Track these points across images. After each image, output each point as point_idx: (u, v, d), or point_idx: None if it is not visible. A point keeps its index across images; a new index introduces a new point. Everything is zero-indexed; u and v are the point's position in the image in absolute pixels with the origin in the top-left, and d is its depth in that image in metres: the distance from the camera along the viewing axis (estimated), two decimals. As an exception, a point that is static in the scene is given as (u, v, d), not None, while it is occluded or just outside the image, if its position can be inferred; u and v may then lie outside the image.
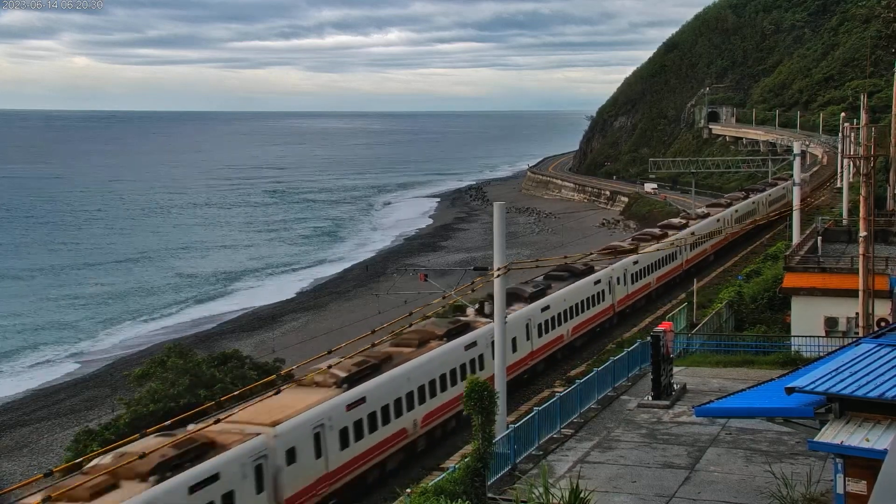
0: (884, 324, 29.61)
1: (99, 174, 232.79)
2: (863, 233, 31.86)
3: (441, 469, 23.50)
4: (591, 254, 53.26)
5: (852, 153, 56.05)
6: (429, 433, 34.30)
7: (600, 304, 50.97)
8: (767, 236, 79.30)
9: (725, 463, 22.69)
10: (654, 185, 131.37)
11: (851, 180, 63.04)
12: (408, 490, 19.01)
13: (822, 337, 35.76)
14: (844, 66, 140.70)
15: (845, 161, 70.51)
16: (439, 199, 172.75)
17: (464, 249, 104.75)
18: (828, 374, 16.07)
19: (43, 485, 21.51)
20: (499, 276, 26.00)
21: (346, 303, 77.35)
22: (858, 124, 51.13)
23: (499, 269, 25.91)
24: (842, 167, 79.62)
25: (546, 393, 38.92)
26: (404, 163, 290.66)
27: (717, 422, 25.27)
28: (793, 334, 36.95)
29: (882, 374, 15.72)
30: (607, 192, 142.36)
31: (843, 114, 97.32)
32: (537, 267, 44.40)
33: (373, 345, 31.78)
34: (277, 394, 26.83)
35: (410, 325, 35.91)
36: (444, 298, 38.73)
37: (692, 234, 65.54)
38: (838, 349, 20.04)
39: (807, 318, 37.01)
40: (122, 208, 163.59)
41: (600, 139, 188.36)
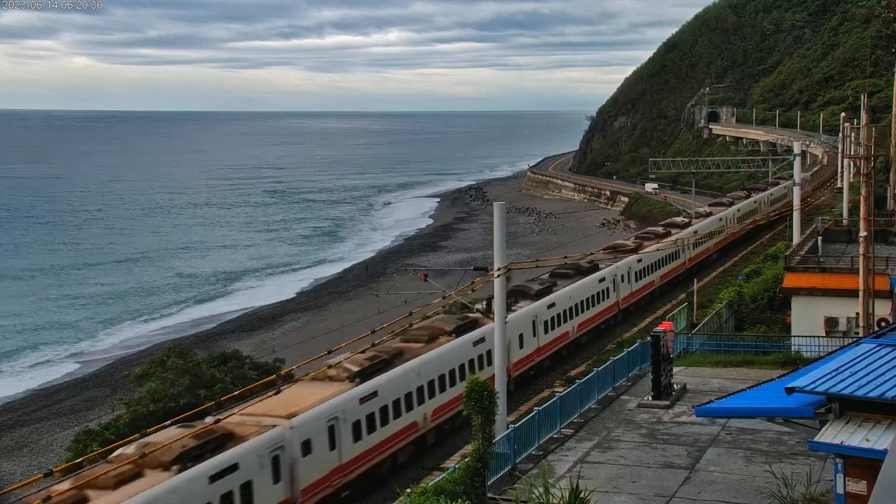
0: (884, 324, 29.61)
1: (99, 174, 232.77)
2: (863, 233, 31.86)
3: (441, 469, 23.50)
4: (591, 253, 53.29)
5: (852, 153, 56.08)
6: (438, 427, 34.77)
7: (605, 302, 51.39)
8: (767, 236, 79.28)
9: (725, 463, 22.69)
10: (654, 185, 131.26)
11: (851, 180, 63.05)
12: (408, 490, 19.01)
13: (822, 337, 35.76)
14: (844, 66, 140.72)
15: (845, 161, 70.54)
16: (439, 199, 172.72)
17: (464, 249, 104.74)
18: (828, 374, 16.06)
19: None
20: (499, 276, 26.00)
21: (346, 303, 77.34)
22: (858, 124, 51.11)
23: (499, 269, 25.91)
24: (842, 167, 79.66)
25: (546, 393, 38.91)
26: (404, 163, 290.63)
27: (717, 422, 25.27)
28: (793, 334, 36.96)
29: (882, 374, 15.72)
30: (607, 192, 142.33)
31: (843, 114, 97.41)
32: (537, 267, 44.46)
33: (373, 342, 31.96)
34: (279, 390, 27.31)
35: (419, 322, 36.61)
36: (444, 298, 38.83)
37: (695, 232, 65.94)
38: (838, 349, 20.04)
39: (807, 318, 37.03)
40: (122, 208, 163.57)
41: (600, 139, 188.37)
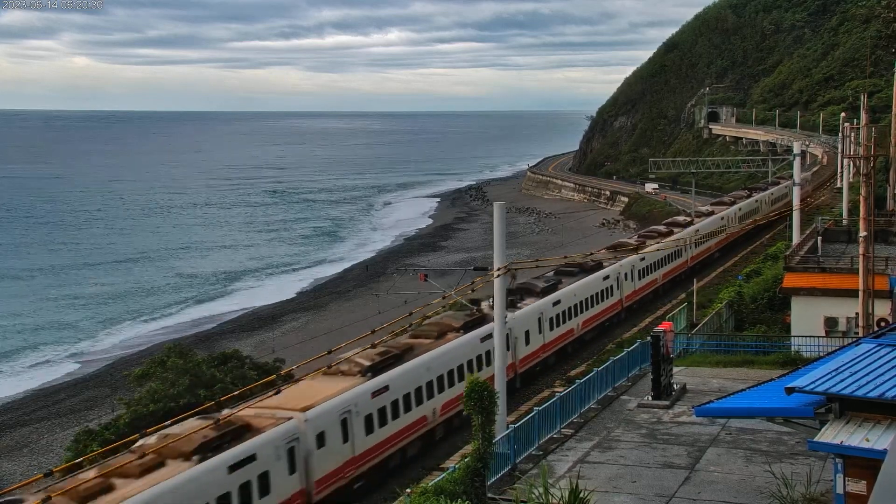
0: (884, 324, 29.60)
1: (99, 174, 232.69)
2: (863, 233, 31.85)
3: (441, 469, 23.49)
4: (591, 253, 53.44)
5: (852, 153, 56.04)
6: (447, 421, 35.16)
7: (609, 300, 51.91)
8: (767, 236, 79.34)
9: (725, 463, 22.69)
10: (654, 185, 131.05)
11: (851, 180, 63.04)
12: (408, 490, 19.00)
13: (822, 337, 35.75)
14: (844, 66, 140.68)
15: (845, 161, 70.52)
16: (439, 199, 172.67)
17: (464, 249, 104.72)
18: (828, 374, 16.06)
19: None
20: (499, 276, 26.00)
21: (346, 303, 77.33)
22: (858, 124, 51.12)
23: (499, 269, 25.91)
24: (842, 167, 79.64)
25: (546, 393, 38.93)
26: (404, 163, 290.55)
27: (717, 422, 25.27)
28: (793, 334, 36.95)
29: (882, 374, 15.72)
30: (607, 192, 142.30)
31: (843, 114, 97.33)
32: (537, 267, 44.45)
33: (373, 343, 32.14)
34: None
35: (428, 318, 37.28)
36: (444, 298, 38.92)
37: (697, 231, 66.48)
38: (838, 349, 20.03)
39: (807, 318, 37.02)
40: (122, 208, 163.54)
41: (600, 139, 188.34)
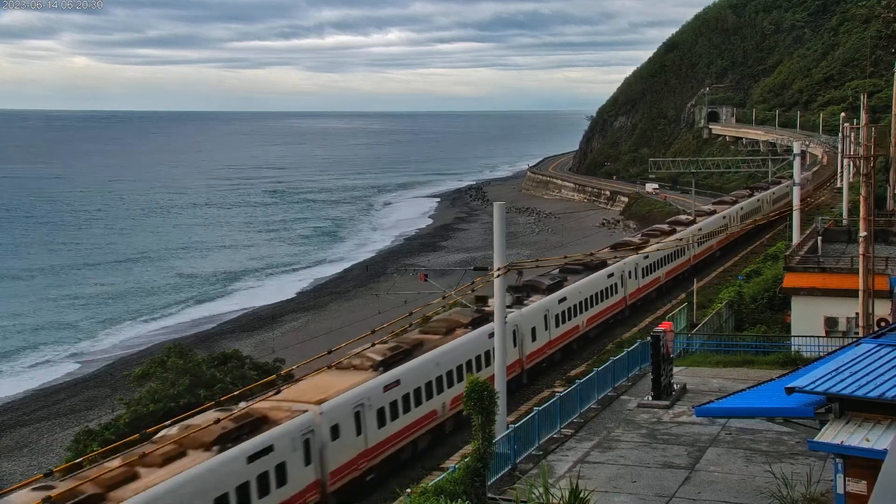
0: (884, 324, 29.60)
1: (99, 174, 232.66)
2: (863, 233, 31.85)
3: (441, 469, 23.49)
4: (592, 254, 53.71)
5: (852, 153, 56.03)
6: (456, 415, 35.53)
7: (613, 297, 52.69)
8: (767, 236, 79.43)
9: (725, 463, 22.68)
10: (655, 186, 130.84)
11: (851, 180, 63.03)
12: (408, 490, 19.00)
13: (822, 337, 35.75)
14: (844, 66, 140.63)
15: (845, 161, 70.52)
16: (439, 199, 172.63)
17: (464, 249, 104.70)
18: (828, 374, 16.06)
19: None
20: (499, 276, 25.99)
21: (346, 303, 77.33)
22: (858, 124, 51.11)
23: (499, 269, 25.90)
24: (842, 167, 79.63)
25: (546, 393, 38.94)
26: (404, 163, 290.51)
27: (717, 422, 25.26)
28: (793, 334, 36.95)
29: (882, 374, 15.71)
30: (607, 192, 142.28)
31: (843, 114, 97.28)
32: (537, 267, 44.45)
33: (373, 342, 32.20)
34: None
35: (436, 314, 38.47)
36: (444, 298, 38.96)
37: (699, 230, 67.17)
38: (838, 349, 20.03)
39: (807, 318, 37.03)
40: (122, 208, 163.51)
41: (600, 139, 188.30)
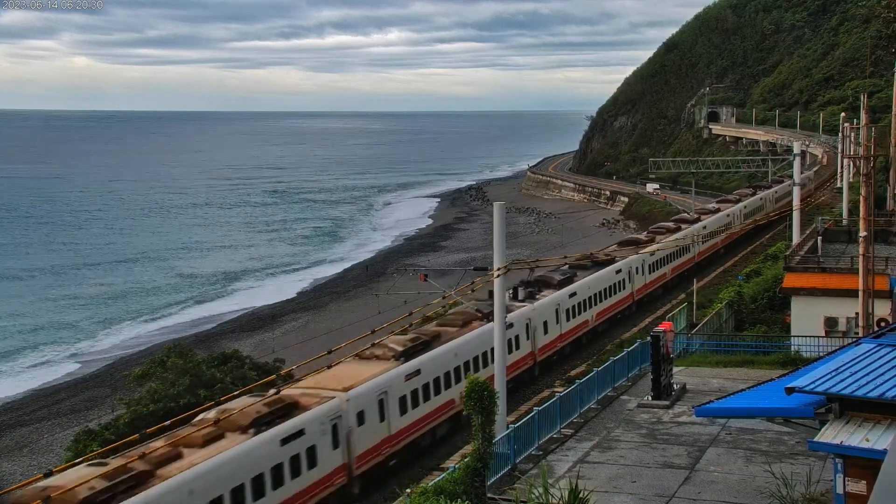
0: (884, 324, 29.60)
1: (99, 174, 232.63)
2: (863, 233, 31.87)
3: (441, 469, 23.49)
4: (591, 253, 54.09)
5: (852, 153, 56.03)
6: None
7: (621, 293, 53.75)
8: (767, 236, 79.54)
9: (725, 463, 22.68)
10: (656, 186, 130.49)
11: (851, 180, 63.04)
12: (408, 490, 19.00)
13: (822, 337, 35.74)
14: (844, 66, 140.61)
15: (845, 161, 70.54)
16: (439, 199, 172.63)
17: (464, 249, 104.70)
18: (828, 374, 16.05)
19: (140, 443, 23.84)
20: (499, 276, 26.00)
21: (346, 303, 77.33)
22: (858, 124, 51.12)
23: (499, 269, 25.90)
24: (842, 167, 79.66)
25: (546, 393, 38.96)
26: (404, 163, 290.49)
27: (717, 422, 25.26)
28: (793, 334, 36.94)
29: (882, 374, 15.71)
30: (607, 192, 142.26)
31: (843, 114, 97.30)
32: (537, 267, 44.54)
33: (372, 343, 32.36)
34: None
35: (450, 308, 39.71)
36: (444, 298, 39.05)
37: (704, 228, 68.31)
38: (838, 349, 20.02)
39: (807, 318, 37.04)
40: (122, 208, 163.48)
41: (600, 139, 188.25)
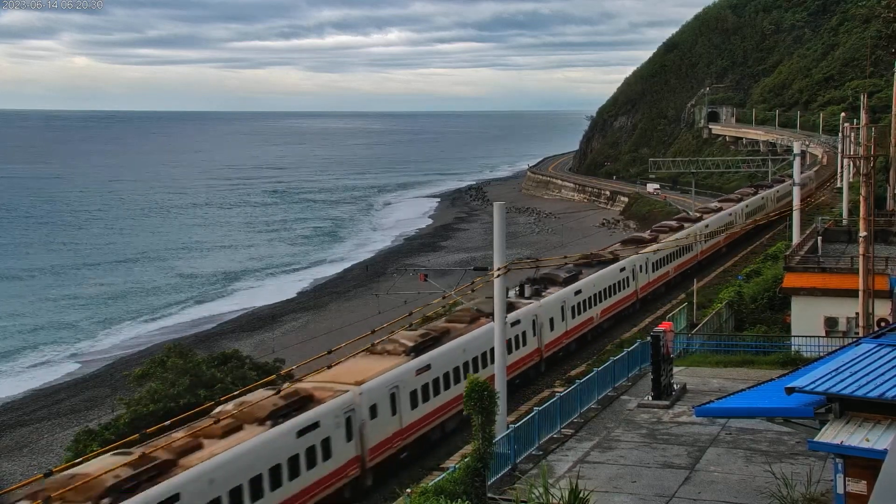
0: (884, 324, 29.61)
1: (99, 174, 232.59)
2: (863, 233, 31.87)
3: (441, 469, 23.49)
4: (591, 253, 54.26)
5: (852, 153, 56.04)
6: None
7: (625, 290, 54.25)
8: (767, 236, 79.57)
9: (725, 463, 22.68)
10: (656, 186, 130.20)
11: (851, 180, 63.04)
12: (408, 490, 19.00)
13: (822, 337, 35.74)
14: (844, 66, 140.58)
15: (845, 161, 70.55)
16: (439, 199, 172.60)
17: (464, 249, 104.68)
18: (828, 374, 16.05)
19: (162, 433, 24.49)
20: (499, 276, 25.99)
21: (346, 303, 77.32)
22: (858, 124, 51.11)
23: (499, 269, 25.90)
24: (842, 167, 79.66)
25: (546, 393, 38.95)
26: (404, 163, 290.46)
27: (717, 422, 25.26)
28: (793, 334, 36.94)
29: (882, 374, 15.71)
30: (607, 192, 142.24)
31: (843, 114, 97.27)
32: (537, 267, 44.54)
33: (372, 343, 32.36)
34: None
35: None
36: (444, 298, 39.09)
37: (707, 226, 68.95)
38: (838, 349, 20.03)
39: (807, 318, 37.04)
40: (122, 208, 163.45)
41: (600, 139, 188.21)
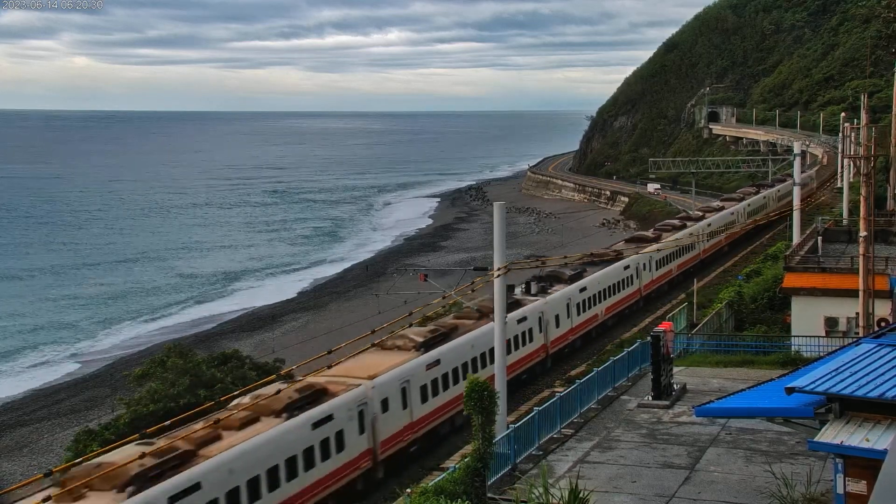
0: (884, 324, 29.61)
1: (99, 174, 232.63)
2: (863, 233, 31.88)
3: (441, 469, 23.49)
4: (591, 253, 54.13)
5: (852, 153, 56.05)
6: None
7: (629, 288, 54.95)
8: (767, 236, 79.59)
9: (725, 463, 22.68)
10: (657, 186, 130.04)
11: (851, 180, 63.04)
12: (408, 490, 19.00)
13: (822, 337, 35.75)
14: (844, 66, 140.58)
15: (845, 161, 70.56)
16: (439, 199, 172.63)
17: (464, 249, 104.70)
18: (828, 374, 16.05)
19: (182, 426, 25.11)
20: (499, 276, 25.99)
21: (346, 303, 77.33)
22: (858, 124, 51.13)
23: (499, 269, 25.90)
24: (842, 167, 79.67)
25: (546, 393, 38.96)
26: (404, 163, 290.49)
27: (717, 422, 25.26)
28: (793, 334, 36.95)
29: (882, 374, 15.71)
30: (607, 192, 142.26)
31: (843, 114, 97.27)
32: (537, 267, 44.52)
33: (372, 343, 32.53)
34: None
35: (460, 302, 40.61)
36: (444, 298, 39.09)
37: (709, 225, 69.33)
38: (838, 349, 20.03)
39: (807, 318, 37.05)
40: (122, 208, 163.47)
41: (600, 139, 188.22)
